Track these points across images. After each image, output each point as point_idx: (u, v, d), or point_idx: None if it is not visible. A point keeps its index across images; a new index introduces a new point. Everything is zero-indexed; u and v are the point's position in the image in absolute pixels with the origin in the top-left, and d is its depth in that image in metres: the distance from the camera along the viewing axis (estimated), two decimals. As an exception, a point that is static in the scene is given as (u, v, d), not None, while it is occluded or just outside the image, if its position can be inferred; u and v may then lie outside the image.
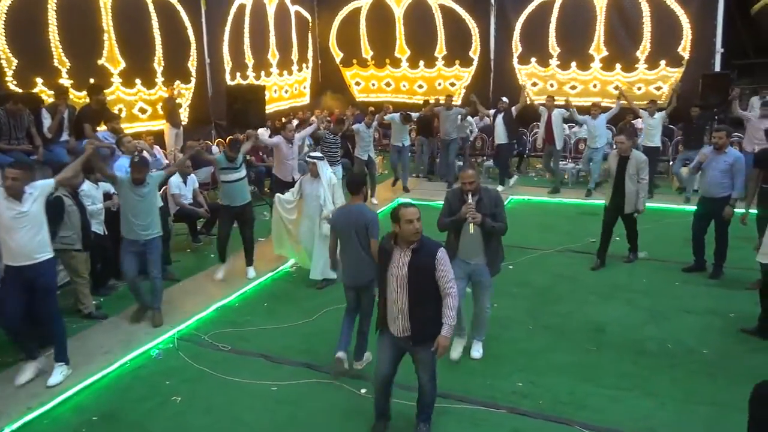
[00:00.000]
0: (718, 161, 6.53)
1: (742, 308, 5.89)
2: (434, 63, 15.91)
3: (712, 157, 6.62)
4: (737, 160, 6.55)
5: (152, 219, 5.75)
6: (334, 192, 6.75)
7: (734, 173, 6.47)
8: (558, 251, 7.81)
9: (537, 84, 14.96)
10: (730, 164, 6.47)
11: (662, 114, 10.75)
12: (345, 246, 4.77)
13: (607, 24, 14.04)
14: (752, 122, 9.97)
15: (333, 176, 6.89)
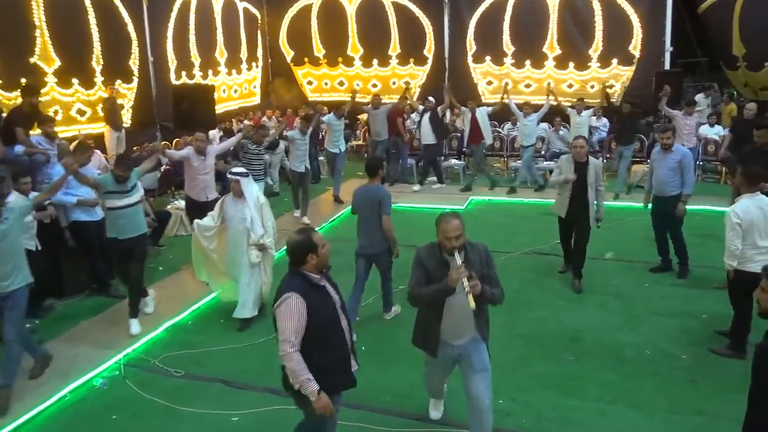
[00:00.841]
0: (667, 160, 6.58)
1: (714, 308, 5.81)
2: (388, 61, 15.63)
3: (661, 156, 6.68)
4: (685, 156, 6.58)
5: (15, 263, 4.50)
6: (263, 213, 5.77)
7: (683, 170, 6.50)
8: (524, 254, 7.62)
9: (492, 83, 14.89)
10: (678, 162, 6.51)
11: (589, 112, 10.90)
12: (361, 220, 5.62)
13: (559, 23, 14.08)
14: (678, 119, 10.13)
15: (260, 194, 5.95)
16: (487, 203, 10.41)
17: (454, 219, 3.46)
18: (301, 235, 3.23)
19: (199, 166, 7.02)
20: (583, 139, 6.38)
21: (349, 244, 7.87)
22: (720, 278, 6.39)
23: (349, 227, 9.38)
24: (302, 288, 3.12)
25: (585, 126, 10.99)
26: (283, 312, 3.07)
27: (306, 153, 9.28)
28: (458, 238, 3.39)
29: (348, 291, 5.30)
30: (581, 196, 6.22)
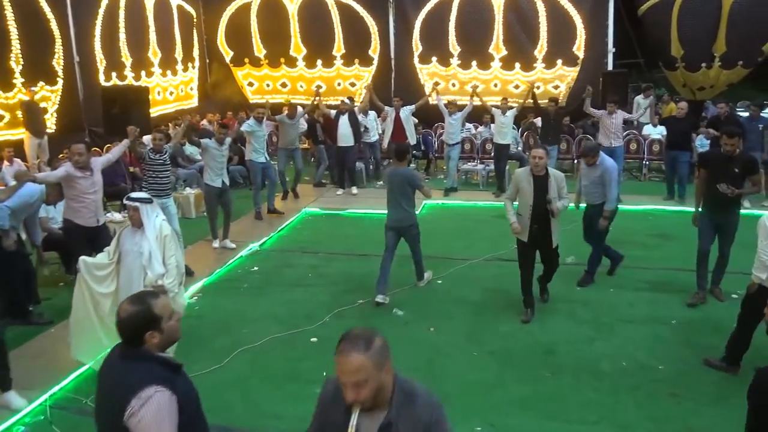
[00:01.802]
0: (590, 172, 6.40)
1: (682, 314, 5.71)
2: (333, 62, 15.16)
3: (585, 168, 6.52)
4: (605, 171, 6.21)
5: None
6: (165, 247, 4.64)
7: (605, 185, 6.23)
8: (485, 261, 7.35)
9: (439, 83, 14.63)
10: (599, 176, 6.26)
11: (513, 111, 10.78)
12: (392, 197, 6.28)
13: (505, 24, 14.01)
14: (603, 119, 10.20)
15: (164, 225, 4.74)
16: (441, 207, 10.13)
17: (354, 352, 1.85)
18: (135, 305, 2.19)
19: (86, 185, 5.79)
20: (543, 150, 5.52)
21: (326, 257, 7.48)
22: (683, 286, 6.34)
23: (311, 229, 9.11)
24: (164, 376, 2.11)
25: (509, 126, 10.87)
26: (151, 421, 2.00)
27: (224, 165, 7.94)
28: (359, 386, 1.86)
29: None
30: (544, 215, 5.49)
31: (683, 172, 9.98)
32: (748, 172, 5.65)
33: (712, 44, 13.14)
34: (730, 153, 5.59)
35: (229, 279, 6.97)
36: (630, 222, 8.85)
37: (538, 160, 5.41)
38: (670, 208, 9.62)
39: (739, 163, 5.58)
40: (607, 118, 10.15)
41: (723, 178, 5.50)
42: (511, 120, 10.86)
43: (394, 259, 6.35)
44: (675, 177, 10.06)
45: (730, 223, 5.82)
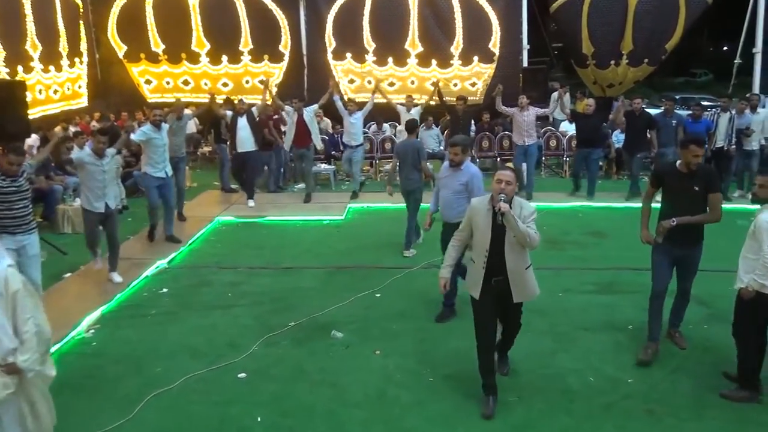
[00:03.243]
0: (452, 179, 5.45)
1: (635, 317, 5.41)
2: (239, 58, 14.09)
3: (447, 174, 5.52)
4: (472, 177, 5.31)
5: None
6: (15, 309, 3.13)
7: (469, 193, 5.22)
8: (423, 268, 6.80)
9: (354, 81, 14.07)
10: (464, 184, 5.35)
11: (418, 109, 10.37)
12: (403, 165, 7.19)
13: (420, 19, 13.63)
14: (515, 116, 10.05)
15: (12, 275, 3.15)
16: (367, 211, 9.52)
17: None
18: None
19: None
20: (511, 172, 3.88)
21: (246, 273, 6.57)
22: (628, 286, 6.10)
23: (226, 241, 8.09)
24: None
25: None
26: None
27: (107, 184, 6.22)
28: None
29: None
30: (501, 260, 3.90)
31: (594, 169, 9.96)
32: (710, 189, 4.45)
33: (620, 42, 13.44)
34: (693, 167, 4.44)
35: (134, 305, 5.96)
36: (562, 220, 8.70)
37: (504, 185, 3.74)
38: (596, 204, 9.56)
39: (700, 179, 4.44)
40: (519, 115, 9.95)
41: (682, 199, 4.47)
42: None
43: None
44: (583, 173, 10.03)
45: (694, 256, 4.70)
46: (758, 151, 9.58)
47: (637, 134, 9.88)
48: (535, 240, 3.84)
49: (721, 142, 9.58)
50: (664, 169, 4.87)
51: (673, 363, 4.66)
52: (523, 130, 9.93)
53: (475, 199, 4.24)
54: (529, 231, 3.79)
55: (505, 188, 3.76)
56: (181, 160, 8.73)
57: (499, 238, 3.87)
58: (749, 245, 4.08)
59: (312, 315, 5.54)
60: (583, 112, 10.02)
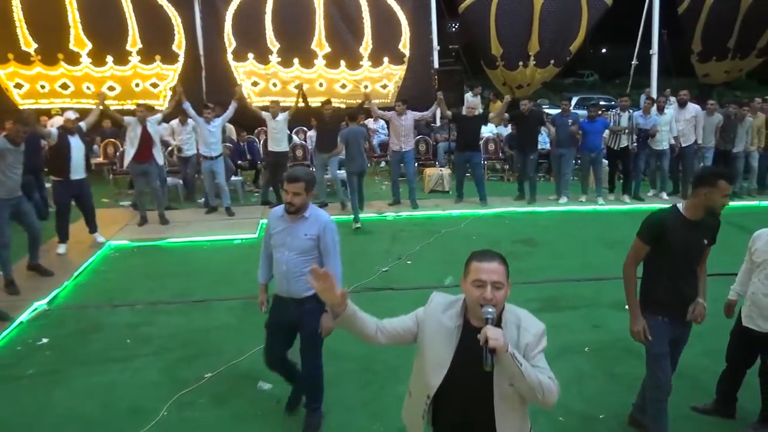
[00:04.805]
0: (294, 234, 4.01)
1: (588, 338, 5.07)
2: (127, 59, 12.70)
3: (283, 226, 3.75)
4: (325, 229, 3.63)
5: None
6: None
7: (322, 253, 3.75)
8: (352, 292, 6.13)
9: (258, 83, 13.12)
10: (313, 238, 4.14)
11: (285, 115, 9.44)
12: (350, 150, 8.44)
13: (326, 18, 12.95)
14: (393, 121, 9.62)
15: None
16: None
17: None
18: None
19: None
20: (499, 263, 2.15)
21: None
22: (572, 300, 5.80)
23: (121, 271, 6.82)
24: None
25: (284, 132, 9.53)
26: None
27: None
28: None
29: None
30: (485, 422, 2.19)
31: (479, 173, 9.71)
32: (712, 241, 3.44)
33: (527, 43, 13.51)
34: (716, 211, 3.30)
35: (3, 364, 4.82)
36: (489, 228, 8.39)
37: (490, 290, 2.08)
38: (520, 209, 9.35)
39: (708, 229, 3.36)
40: (396, 120, 9.47)
41: (685, 259, 3.33)
42: (284, 124, 9.47)
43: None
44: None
45: (688, 332, 3.59)
46: (668, 150, 9.77)
47: (528, 135, 9.81)
48: (552, 393, 2.06)
49: (626, 141, 9.67)
50: (667, 218, 3.33)
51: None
52: (401, 135, 9.44)
53: (438, 298, 2.37)
54: (541, 378, 2.05)
55: (494, 296, 2.06)
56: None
57: (471, 381, 2.14)
58: None
59: (232, 362, 4.70)
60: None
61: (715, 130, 9.81)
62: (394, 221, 8.89)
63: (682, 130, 9.81)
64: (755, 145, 9.90)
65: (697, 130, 9.81)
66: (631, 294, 3.44)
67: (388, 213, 9.10)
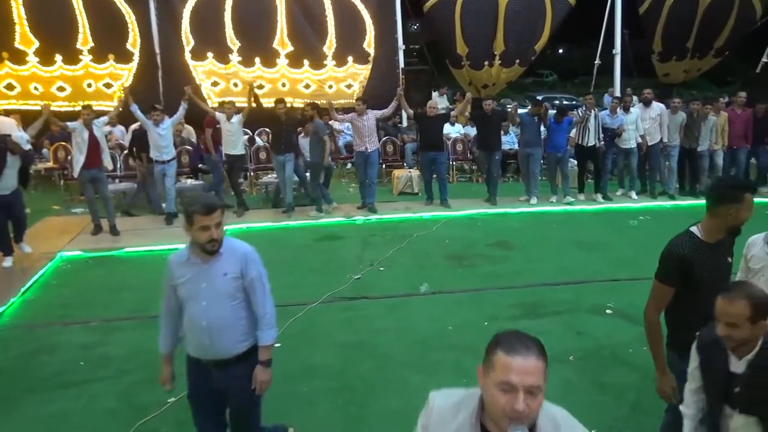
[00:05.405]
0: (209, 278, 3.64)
1: (572, 345, 4.88)
2: (78, 58, 12.07)
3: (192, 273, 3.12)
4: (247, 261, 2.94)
5: None
6: None
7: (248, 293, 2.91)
8: (325, 303, 5.83)
9: (218, 83, 12.66)
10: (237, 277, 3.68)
11: (239, 117, 8.97)
12: (312, 142, 8.89)
13: (288, 16, 12.59)
14: (354, 122, 9.32)
15: None
16: (247, 233, 8.31)
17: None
18: None
19: None
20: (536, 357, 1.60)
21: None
22: (552, 305, 5.65)
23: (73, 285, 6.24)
24: None
25: (239, 134, 9.10)
26: None
27: None
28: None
29: None
30: None
31: (443, 174, 9.54)
32: None
33: (493, 43, 13.41)
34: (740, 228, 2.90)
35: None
36: (462, 231, 8.20)
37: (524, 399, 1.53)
38: (492, 211, 9.20)
39: (729, 245, 2.99)
40: (358, 121, 9.20)
41: (715, 283, 2.73)
42: (239, 126, 9.01)
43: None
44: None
45: None
46: (636, 149, 9.78)
47: (491, 134, 9.67)
48: None
49: (593, 140, 9.63)
50: (688, 249, 2.83)
51: (629, 397, 4.14)
52: (365, 136, 9.15)
53: (439, 400, 1.78)
54: None
55: (527, 407, 1.53)
56: None
57: None
58: None
59: (198, 383, 4.34)
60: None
61: (679, 128, 9.86)
62: (364, 225, 8.61)
63: (648, 128, 9.83)
64: (719, 143, 10.00)
65: (662, 128, 9.84)
66: (658, 347, 2.98)
67: (358, 217, 8.81)
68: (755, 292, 2.23)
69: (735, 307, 2.19)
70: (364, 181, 9.26)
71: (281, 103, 9.20)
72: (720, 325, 2.25)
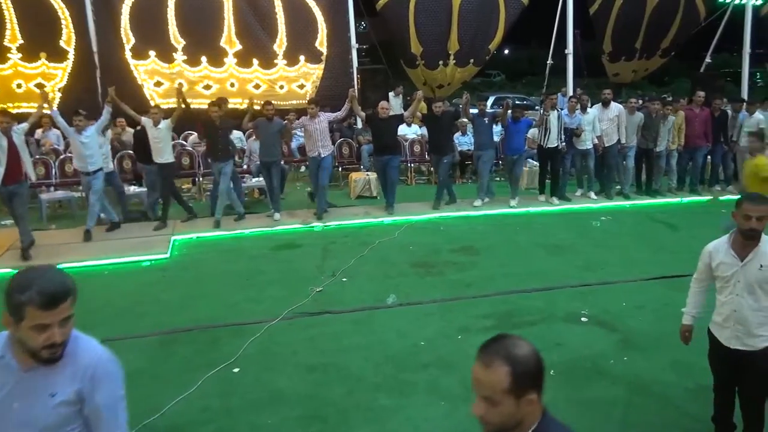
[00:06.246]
0: (27, 400, 3.58)
1: (551, 359, 4.61)
2: (6, 56, 11.16)
3: None
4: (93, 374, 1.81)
5: None
6: None
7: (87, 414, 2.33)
8: (286, 320, 5.41)
9: (162, 84, 11.96)
10: (68, 402, 2.90)
11: (168, 122, 8.31)
12: (265, 141, 8.50)
13: (236, 13, 12.03)
14: (306, 126, 8.78)
15: None
16: (197, 243, 7.80)
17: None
18: None
19: None
20: None
21: None
22: (526, 314, 5.42)
23: None
24: None
25: (167, 141, 8.38)
26: None
27: None
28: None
29: None
30: None
31: (394, 178, 9.11)
32: None
33: (447, 42, 13.23)
34: None
35: None
36: (425, 236, 7.91)
37: None
38: (453, 214, 8.94)
39: None
40: (310, 124, 8.66)
41: None
42: (167, 132, 8.36)
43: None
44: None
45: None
46: (592, 150, 9.73)
47: (441, 137, 9.35)
48: None
49: (555, 141, 9.53)
50: None
51: (616, 414, 3.92)
52: (317, 140, 8.65)
53: None
54: None
55: None
56: None
57: None
58: None
59: (147, 420, 3.86)
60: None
61: (637, 129, 9.87)
62: (322, 232, 8.21)
63: (606, 129, 9.78)
64: (676, 143, 10.04)
65: (620, 129, 9.82)
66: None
67: (316, 223, 8.39)
68: (520, 352, 1.56)
69: (492, 375, 1.52)
70: (318, 188, 8.82)
71: (216, 105, 8.60)
72: (476, 400, 1.56)
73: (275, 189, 8.75)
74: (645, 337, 4.89)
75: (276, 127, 8.57)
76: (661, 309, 5.40)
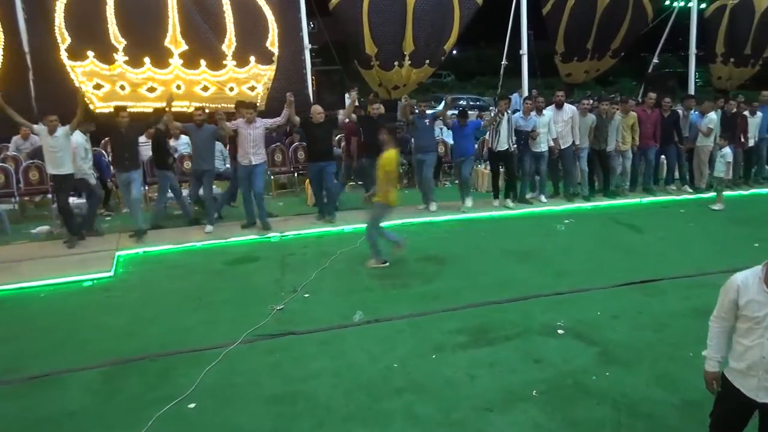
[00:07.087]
0: None
1: (533, 376, 4.40)
2: (-75, 58, 10.22)
3: None
4: None
5: None
6: None
7: None
8: (247, 343, 4.99)
9: (102, 86, 11.20)
10: None
11: (66, 129, 7.67)
12: (197, 149, 8.15)
13: (181, 12, 11.35)
14: (240, 131, 8.31)
15: None
16: (144, 258, 7.25)
17: None
18: None
19: None
20: None
21: None
22: (499, 327, 5.17)
23: None
24: None
25: (66, 150, 7.71)
26: None
27: None
28: None
29: None
30: None
31: (330, 184, 8.63)
32: None
33: (402, 42, 12.95)
34: None
35: None
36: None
37: None
38: (416, 220, 8.67)
39: None
40: (245, 129, 8.15)
41: None
42: (65, 141, 7.66)
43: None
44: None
45: None
46: (547, 152, 9.64)
47: (377, 141, 9.04)
48: None
49: (506, 144, 9.38)
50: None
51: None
52: (249, 148, 8.09)
53: None
54: None
55: None
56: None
57: None
58: None
59: (91, 471, 3.41)
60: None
61: (589, 130, 9.84)
62: (279, 243, 7.78)
63: (561, 131, 9.72)
64: (628, 143, 10.04)
65: (574, 131, 9.77)
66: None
67: (272, 234, 7.96)
68: None
69: None
70: (248, 198, 8.30)
71: (124, 110, 8.05)
72: None
73: (209, 199, 8.31)
74: (624, 349, 4.72)
75: (206, 133, 8.11)
76: (636, 317, 5.26)
